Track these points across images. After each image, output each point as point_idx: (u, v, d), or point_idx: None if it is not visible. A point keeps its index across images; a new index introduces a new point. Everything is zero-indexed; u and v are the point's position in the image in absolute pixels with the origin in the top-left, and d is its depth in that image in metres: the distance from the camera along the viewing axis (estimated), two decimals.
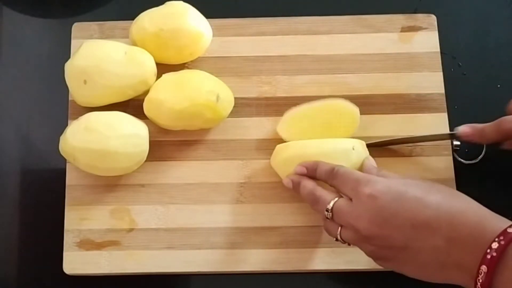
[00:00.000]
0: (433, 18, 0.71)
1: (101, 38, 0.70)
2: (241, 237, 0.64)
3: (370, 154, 0.63)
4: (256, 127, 0.67)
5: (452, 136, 0.64)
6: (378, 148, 0.66)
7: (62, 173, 0.66)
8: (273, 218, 0.65)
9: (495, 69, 0.71)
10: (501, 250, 0.46)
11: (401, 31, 0.70)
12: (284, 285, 0.65)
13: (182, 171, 0.66)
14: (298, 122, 0.65)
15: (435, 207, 0.51)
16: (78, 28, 0.71)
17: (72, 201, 0.66)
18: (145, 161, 0.65)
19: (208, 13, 0.68)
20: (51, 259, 0.65)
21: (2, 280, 0.66)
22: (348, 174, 0.56)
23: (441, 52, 0.70)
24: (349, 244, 0.57)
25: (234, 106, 0.67)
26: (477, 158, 0.67)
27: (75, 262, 0.64)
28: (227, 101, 0.66)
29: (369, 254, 0.55)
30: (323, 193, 0.58)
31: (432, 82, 0.69)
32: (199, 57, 0.69)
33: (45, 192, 0.68)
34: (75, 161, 0.63)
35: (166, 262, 0.64)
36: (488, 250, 0.47)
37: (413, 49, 0.70)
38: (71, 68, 0.64)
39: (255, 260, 0.64)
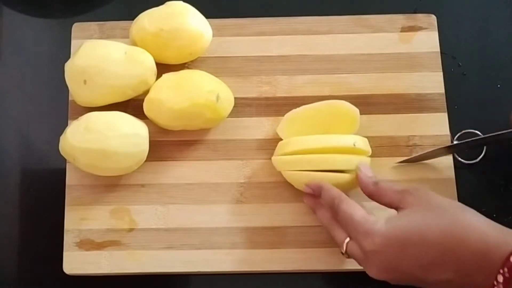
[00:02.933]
0: (433, 18, 0.71)
1: (101, 38, 0.70)
2: (241, 237, 0.64)
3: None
4: (256, 127, 0.67)
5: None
6: (378, 148, 0.66)
7: (62, 173, 0.66)
8: (273, 218, 0.65)
9: (495, 69, 0.71)
10: (507, 282, 0.47)
11: (401, 31, 0.70)
12: (284, 285, 0.65)
13: (182, 171, 0.65)
14: (298, 123, 0.65)
15: (437, 245, 0.51)
16: (78, 28, 0.70)
17: (72, 201, 0.65)
18: (145, 161, 0.65)
19: (208, 13, 0.68)
20: (51, 259, 0.65)
21: (2, 280, 0.66)
22: (348, 216, 0.56)
23: (441, 52, 0.70)
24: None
25: (234, 106, 0.67)
26: (477, 158, 0.67)
27: (75, 262, 0.64)
28: (227, 101, 0.66)
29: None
30: (335, 232, 0.58)
31: (432, 82, 0.69)
32: (199, 57, 0.69)
33: (45, 192, 0.68)
34: (75, 161, 0.63)
35: (166, 262, 0.64)
36: (495, 283, 0.48)
37: (413, 49, 0.69)
38: (71, 68, 0.64)
39: (255, 260, 0.64)
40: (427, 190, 0.56)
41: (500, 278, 0.47)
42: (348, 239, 0.56)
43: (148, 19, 0.66)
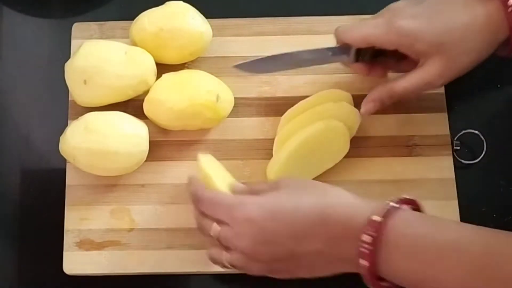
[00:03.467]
0: None
1: (101, 38, 0.70)
2: None
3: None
4: (256, 127, 0.67)
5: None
6: (377, 148, 0.66)
7: (62, 173, 0.66)
8: None
9: (495, 69, 0.71)
10: (374, 241, 0.48)
11: None
12: (284, 285, 0.65)
13: (182, 171, 0.65)
14: (293, 119, 0.65)
15: (307, 213, 0.52)
16: (78, 28, 0.70)
17: (72, 201, 0.65)
18: (145, 161, 0.65)
19: (208, 13, 0.68)
20: (51, 259, 0.65)
21: (2, 280, 0.66)
22: (217, 199, 0.56)
23: None
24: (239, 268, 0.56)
25: (234, 106, 0.67)
26: (477, 158, 0.67)
27: (75, 262, 0.64)
28: (227, 101, 0.66)
29: (259, 271, 0.56)
30: (205, 221, 0.57)
31: None
32: (199, 57, 0.69)
33: (45, 192, 0.68)
34: (75, 161, 0.63)
35: (166, 262, 0.64)
36: (362, 244, 0.49)
37: None
38: (71, 68, 0.64)
39: None
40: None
41: (367, 238, 0.48)
42: (218, 227, 0.55)
43: (148, 19, 0.66)
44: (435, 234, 0.49)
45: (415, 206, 0.52)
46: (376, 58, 0.63)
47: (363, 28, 0.61)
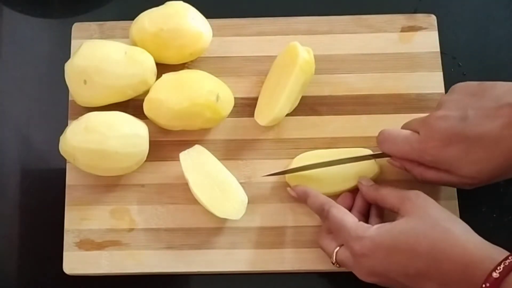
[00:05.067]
0: (433, 18, 0.71)
1: (101, 38, 0.70)
2: (241, 237, 0.64)
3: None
4: (256, 127, 0.67)
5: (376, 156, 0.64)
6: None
7: (62, 173, 0.66)
8: (273, 218, 0.65)
9: (495, 69, 0.71)
10: None
11: (401, 31, 0.70)
12: (284, 285, 0.65)
13: (182, 171, 0.65)
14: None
15: (425, 255, 0.53)
16: (78, 28, 0.70)
17: (72, 201, 0.65)
18: (145, 161, 0.65)
19: (208, 13, 0.68)
20: (51, 259, 0.65)
21: (2, 280, 0.66)
22: (338, 222, 0.58)
23: (441, 52, 0.70)
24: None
25: (234, 106, 0.67)
26: None
27: (75, 262, 0.64)
28: (227, 101, 0.66)
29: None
30: (324, 241, 0.61)
31: (432, 82, 0.69)
32: (199, 57, 0.69)
33: (45, 192, 0.68)
34: (75, 161, 0.63)
35: (166, 262, 0.64)
36: None
37: (413, 49, 0.69)
38: (71, 68, 0.64)
39: (255, 260, 0.64)
40: (427, 197, 0.57)
41: None
42: (337, 248, 0.58)
43: (148, 19, 0.66)
44: None
45: None
46: None
47: (400, 147, 0.59)
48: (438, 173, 0.58)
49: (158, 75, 0.66)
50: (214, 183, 0.63)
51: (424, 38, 0.70)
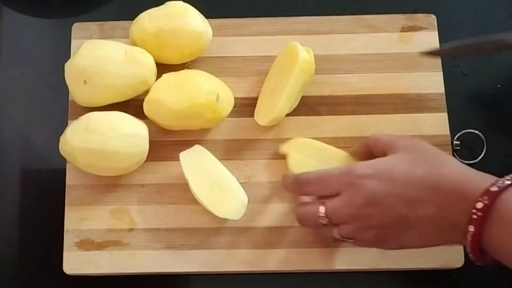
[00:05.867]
0: (433, 18, 0.71)
1: (101, 38, 0.70)
2: (241, 237, 0.64)
3: None
4: (256, 127, 0.67)
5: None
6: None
7: (62, 173, 0.66)
8: (273, 218, 0.65)
9: (495, 69, 0.71)
10: (486, 209, 0.49)
11: (401, 31, 0.70)
12: (284, 285, 0.65)
13: (182, 171, 0.65)
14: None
15: (422, 179, 0.53)
16: (78, 28, 0.70)
17: (72, 201, 0.65)
18: (145, 161, 0.65)
19: (208, 13, 0.68)
20: (51, 259, 0.65)
21: (2, 280, 0.66)
22: (325, 174, 0.57)
23: None
24: (351, 239, 0.57)
25: (234, 106, 0.67)
26: (477, 158, 0.67)
27: (75, 262, 0.64)
28: (227, 101, 0.66)
29: (370, 241, 0.57)
30: (306, 208, 0.59)
31: (432, 82, 0.69)
32: (199, 57, 0.69)
33: (45, 192, 0.68)
34: (75, 161, 0.63)
35: (166, 262, 0.64)
36: (474, 211, 0.49)
37: (413, 49, 0.69)
38: (71, 68, 0.64)
39: (255, 260, 0.64)
40: (421, 139, 0.58)
41: (479, 205, 0.49)
42: (322, 205, 0.56)
43: (148, 19, 0.66)
44: None
45: None
46: None
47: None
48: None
49: (158, 75, 0.66)
50: (214, 183, 0.63)
51: (424, 38, 0.70)
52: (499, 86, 0.71)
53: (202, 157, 0.64)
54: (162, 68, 0.66)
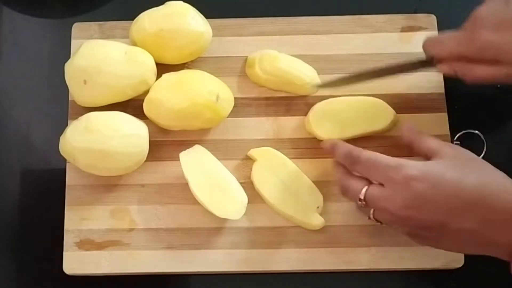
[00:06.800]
0: (433, 18, 0.71)
1: (101, 38, 0.70)
2: (241, 237, 0.64)
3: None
4: (256, 127, 0.67)
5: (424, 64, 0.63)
6: (378, 148, 0.66)
7: (62, 173, 0.66)
8: (273, 218, 0.65)
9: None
10: None
11: (401, 31, 0.70)
12: (284, 285, 0.65)
13: (182, 171, 0.65)
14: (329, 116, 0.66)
15: (470, 190, 0.51)
16: (78, 28, 0.70)
17: (72, 201, 0.65)
18: (145, 161, 0.65)
19: (208, 13, 0.68)
20: (51, 259, 0.65)
21: (2, 280, 0.66)
22: (374, 159, 0.55)
23: None
24: (381, 223, 0.57)
25: (234, 106, 0.67)
26: None
27: (75, 262, 0.64)
28: (227, 101, 0.66)
29: (404, 233, 0.56)
30: (351, 182, 0.57)
31: (432, 82, 0.69)
32: (199, 57, 0.69)
33: (45, 192, 0.68)
34: (75, 161, 0.63)
35: (166, 262, 0.64)
36: None
37: (413, 49, 0.69)
38: (71, 68, 0.64)
39: (255, 260, 0.64)
40: (465, 149, 0.57)
41: None
42: (366, 187, 0.55)
43: (148, 19, 0.66)
44: None
45: None
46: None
47: (447, 44, 0.59)
48: (489, 67, 0.56)
49: (158, 75, 0.66)
50: (214, 183, 0.63)
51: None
52: (499, 86, 0.71)
53: (202, 157, 0.64)
54: (162, 68, 0.66)
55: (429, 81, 0.69)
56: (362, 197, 0.55)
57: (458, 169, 0.53)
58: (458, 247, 0.54)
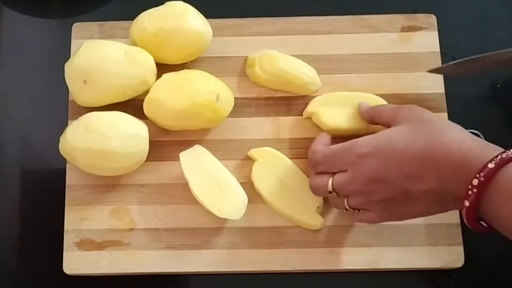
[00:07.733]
0: (433, 18, 0.71)
1: (101, 38, 0.70)
2: (241, 237, 0.64)
3: None
4: (256, 127, 0.67)
5: None
6: None
7: (62, 173, 0.66)
8: (273, 218, 0.65)
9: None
10: (482, 186, 0.49)
11: (401, 31, 0.70)
12: (284, 285, 0.65)
13: (182, 171, 0.65)
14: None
15: (419, 153, 0.53)
16: (78, 28, 0.70)
17: (72, 201, 0.65)
18: (145, 161, 0.65)
19: (208, 13, 0.68)
20: (51, 259, 0.65)
21: (2, 280, 0.66)
22: (329, 151, 0.59)
23: (441, 52, 0.70)
24: (359, 210, 0.59)
25: (234, 106, 0.67)
26: None
27: (75, 262, 0.64)
28: (227, 101, 0.66)
29: (381, 212, 0.57)
30: (318, 180, 0.60)
31: (432, 82, 0.69)
32: (199, 57, 0.69)
33: (45, 192, 0.68)
34: (75, 161, 0.63)
35: (166, 262, 0.64)
36: (470, 187, 0.50)
37: (413, 49, 0.69)
38: (71, 68, 0.64)
39: (255, 260, 0.64)
40: (421, 108, 0.59)
41: (475, 182, 0.50)
42: (331, 178, 0.58)
43: (148, 19, 0.66)
44: None
45: None
46: None
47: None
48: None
49: (158, 75, 0.66)
50: (214, 183, 0.63)
51: (424, 38, 0.70)
52: (499, 86, 0.71)
53: (202, 157, 0.64)
54: (162, 68, 0.66)
55: (429, 81, 0.69)
56: (330, 189, 0.58)
57: (408, 134, 0.55)
58: (426, 209, 0.55)
